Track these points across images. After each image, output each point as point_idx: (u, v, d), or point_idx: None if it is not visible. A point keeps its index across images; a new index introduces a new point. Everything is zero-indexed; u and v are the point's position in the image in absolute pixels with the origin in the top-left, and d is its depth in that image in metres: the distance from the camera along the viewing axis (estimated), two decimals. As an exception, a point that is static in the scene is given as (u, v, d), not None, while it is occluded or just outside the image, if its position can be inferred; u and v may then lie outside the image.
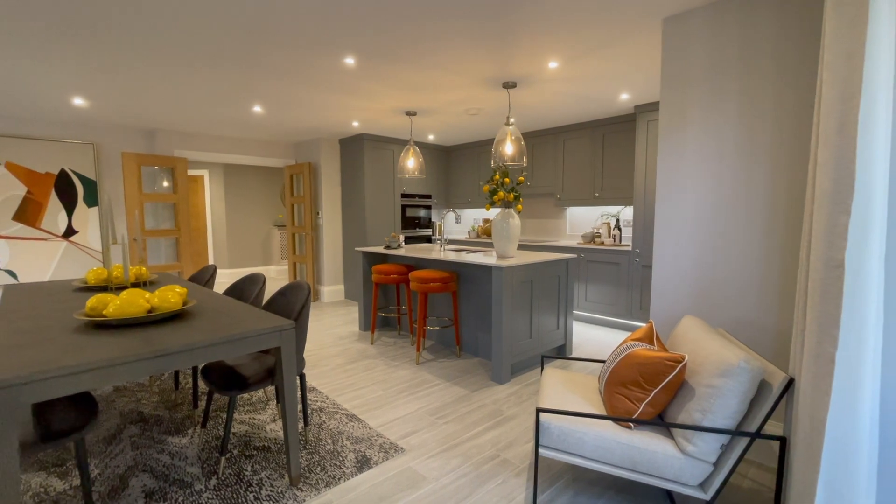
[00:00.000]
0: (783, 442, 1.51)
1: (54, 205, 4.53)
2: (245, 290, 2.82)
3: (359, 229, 5.61)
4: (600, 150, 4.61)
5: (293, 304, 2.31)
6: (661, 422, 1.58)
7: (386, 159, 5.64)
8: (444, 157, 6.41)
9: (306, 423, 2.38)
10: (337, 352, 3.77)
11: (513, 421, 2.52)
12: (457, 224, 6.87)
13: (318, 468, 2.04)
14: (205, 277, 3.30)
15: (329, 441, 2.28)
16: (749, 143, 2.07)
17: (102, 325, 1.80)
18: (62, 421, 1.58)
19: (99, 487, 1.90)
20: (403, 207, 5.91)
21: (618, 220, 4.64)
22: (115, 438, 2.30)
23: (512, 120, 3.29)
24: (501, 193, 3.17)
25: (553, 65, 2.92)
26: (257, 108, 4.06)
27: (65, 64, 2.84)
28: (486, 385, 3.03)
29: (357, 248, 4.34)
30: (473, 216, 6.64)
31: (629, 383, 1.74)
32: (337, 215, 5.92)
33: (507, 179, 3.18)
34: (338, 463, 2.08)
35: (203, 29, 2.35)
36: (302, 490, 1.88)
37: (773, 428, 2.10)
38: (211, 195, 7.82)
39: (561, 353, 3.65)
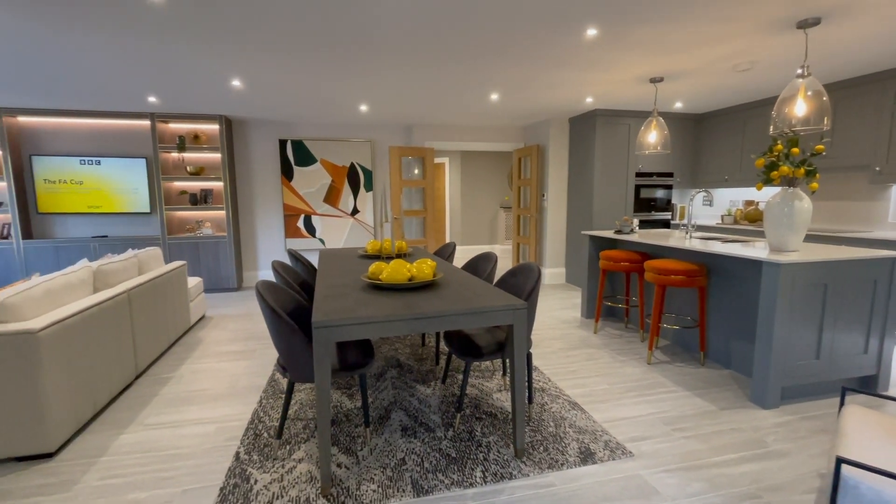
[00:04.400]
0: None
1: (346, 190, 5.97)
2: (479, 266, 3.06)
3: (585, 212, 5.37)
4: (970, 97, 3.05)
5: (523, 285, 2.37)
6: None
7: (620, 136, 5.18)
8: (691, 128, 5.45)
9: (530, 400, 2.44)
10: (558, 335, 3.74)
11: (783, 459, 1.98)
12: (706, 207, 5.81)
13: (541, 448, 2.06)
14: (446, 253, 3.75)
15: (552, 424, 2.27)
16: None
17: (377, 287, 2.24)
18: (353, 357, 2.04)
19: (372, 412, 2.41)
20: (637, 188, 5.34)
21: None
22: (381, 377, 2.88)
23: (808, 70, 2.48)
24: (785, 168, 2.43)
25: (894, -21, 2.04)
26: (494, 96, 4.29)
27: (357, 79, 3.61)
28: (742, 405, 2.48)
29: (584, 232, 4.16)
30: (730, 197, 5.46)
31: None
32: (562, 197, 5.81)
33: (795, 150, 2.41)
34: (560, 448, 2.05)
35: (453, 27, 2.58)
36: (526, 465, 1.94)
37: None
38: (450, 180, 8.88)
39: (868, 385, 2.66)
